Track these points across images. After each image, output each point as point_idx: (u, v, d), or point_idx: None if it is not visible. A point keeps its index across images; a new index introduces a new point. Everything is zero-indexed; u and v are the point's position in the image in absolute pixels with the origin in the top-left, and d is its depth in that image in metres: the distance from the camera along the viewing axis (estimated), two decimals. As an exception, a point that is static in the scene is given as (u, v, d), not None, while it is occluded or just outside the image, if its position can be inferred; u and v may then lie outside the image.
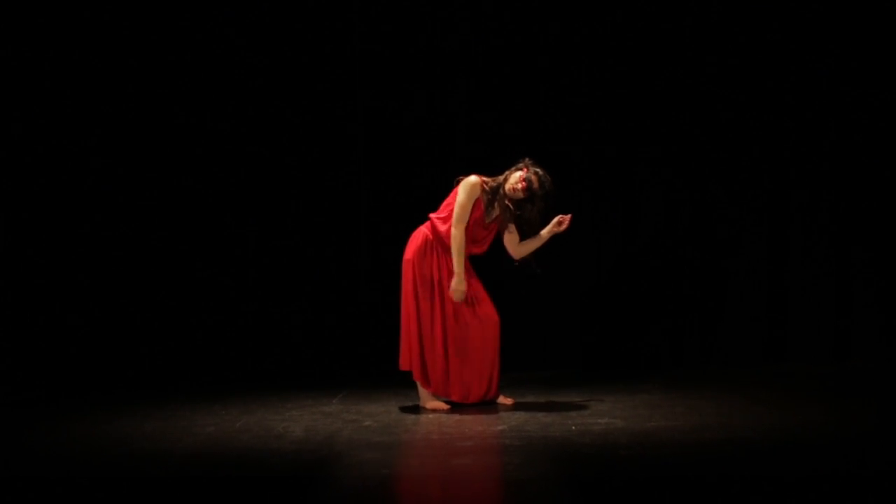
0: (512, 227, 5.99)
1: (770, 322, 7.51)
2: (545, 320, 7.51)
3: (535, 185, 5.83)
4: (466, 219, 5.86)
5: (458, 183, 5.91)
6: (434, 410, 5.88)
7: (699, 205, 7.56)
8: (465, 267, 5.93)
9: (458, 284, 5.85)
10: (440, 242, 5.93)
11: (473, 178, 5.87)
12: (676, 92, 7.50)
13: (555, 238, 6.06)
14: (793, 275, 7.49)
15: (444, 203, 5.97)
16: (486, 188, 5.87)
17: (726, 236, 7.56)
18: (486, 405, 5.92)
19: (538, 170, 5.87)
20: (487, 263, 6.14)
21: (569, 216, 5.98)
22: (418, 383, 5.96)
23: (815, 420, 5.42)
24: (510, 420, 5.52)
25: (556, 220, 5.98)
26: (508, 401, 6.01)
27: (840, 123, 7.40)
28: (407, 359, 5.93)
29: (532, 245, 6.01)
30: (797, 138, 7.46)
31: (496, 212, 5.94)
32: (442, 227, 5.91)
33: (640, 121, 7.53)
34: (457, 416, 5.70)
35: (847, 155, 7.41)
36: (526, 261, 6.06)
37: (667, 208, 7.57)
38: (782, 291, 7.50)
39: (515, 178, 5.84)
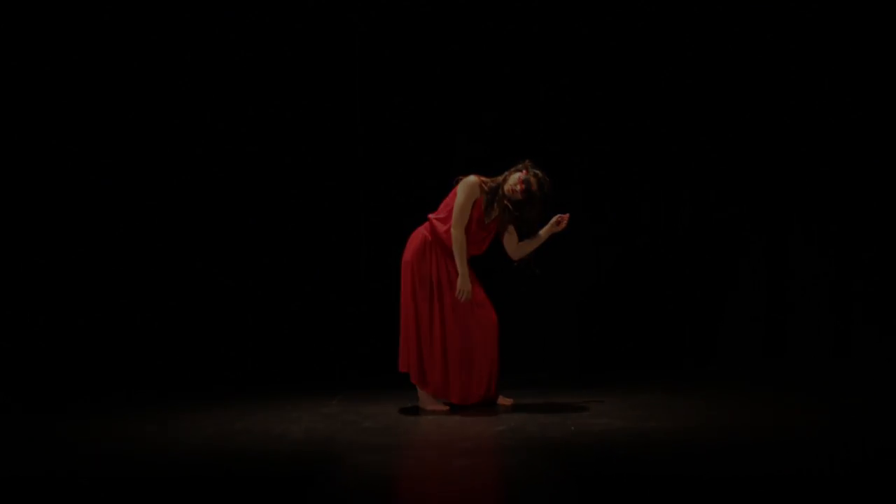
0: (511, 227, 5.99)
1: (770, 322, 7.51)
2: (544, 321, 7.51)
3: (534, 186, 5.82)
4: (466, 220, 5.85)
5: (457, 183, 5.91)
6: (434, 412, 5.88)
7: (699, 205, 7.56)
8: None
9: (463, 284, 5.85)
10: (439, 243, 5.93)
11: (472, 179, 5.87)
12: (676, 92, 7.50)
13: (554, 238, 6.06)
14: (793, 275, 7.49)
15: (443, 203, 5.97)
16: (485, 188, 5.87)
17: (726, 236, 7.56)
18: (486, 406, 5.92)
19: (537, 171, 5.86)
20: (486, 264, 6.14)
21: (567, 215, 5.98)
22: (417, 385, 5.96)
23: (814, 419, 5.42)
24: (510, 421, 5.52)
25: (554, 219, 5.98)
26: (508, 401, 6.01)
27: (840, 123, 7.39)
28: (405, 360, 5.93)
29: (531, 245, 6.00)
30: (797, 138, 7.45)
31: (495, 212, 5.93)
32: (441, 228, 5.90)
33: (640, 121, 7.53)
34: (456, 418, 5.71)
35: (847, 155, 7.40)
36: (525, 261, 6.06)
37: (667, 208, 7.57)
38: (782, 291, 7.50)
39: (514, 180, 5.83)
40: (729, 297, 7.55)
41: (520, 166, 5.88)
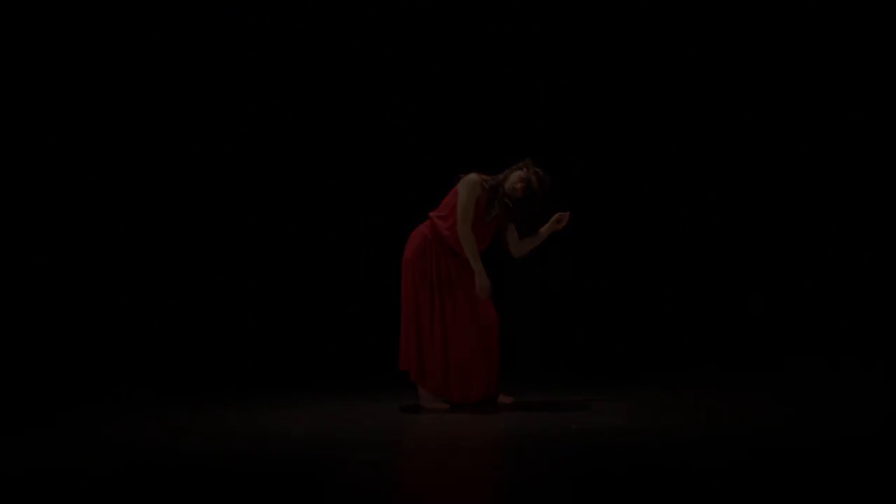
0: (511, 225, 5.99)
1: (770, 322, 7.51)
2: (545, 319, 7.51)
3: (535, 185, 5.82)
4: (471, 218, 5.84)
5: (457, 181, 5.91)
6: (434, 410, 5.87)
7: (699, 205, 7.57)
8: (466, 268, 5.92)
9: (482, 281, 5.84)
10: (440, 242, 5.92)
11: (473, 177, 5.86)
12: (676, 92, 7.51)
13: (554, 236, 6.06)
14: (793, 274, 7.49)
15: (444, 201, 5.96)
16: (486, 186, 5.87)
17: (726, 236, 7.56)
18: (486, 405, 5.92)
19: (538, 170, 5.86)
20: (486, 263, 6.14)
21: (567, 213, 5.97)
22: (417, 383, 5.96)
23: (815, 419, 5.42)
24: (510, 419, 5.51)
25: (554, 217, 5.98)
26: (508, 400, 6.00)
27: (840, 123, 7.40)
28: (406, 359, 5.93)
29: (531, 243, 6.00)
30: (797, 138, 7.46)
31: (496, 210, 5.93)
32: (442, 226, 5.90)
33: (640, 121, 7.54)
34: (456, 416, 5.70)
35: (847, 155, 7.41)
36: (526, 259, 6.06)
37: (666, 208, 7.57)
38: (782, 291, 7.51)
39: (515, 178, 5.83)
40: (728, 297, 7.56)
41: (520, 164, 5.88)
